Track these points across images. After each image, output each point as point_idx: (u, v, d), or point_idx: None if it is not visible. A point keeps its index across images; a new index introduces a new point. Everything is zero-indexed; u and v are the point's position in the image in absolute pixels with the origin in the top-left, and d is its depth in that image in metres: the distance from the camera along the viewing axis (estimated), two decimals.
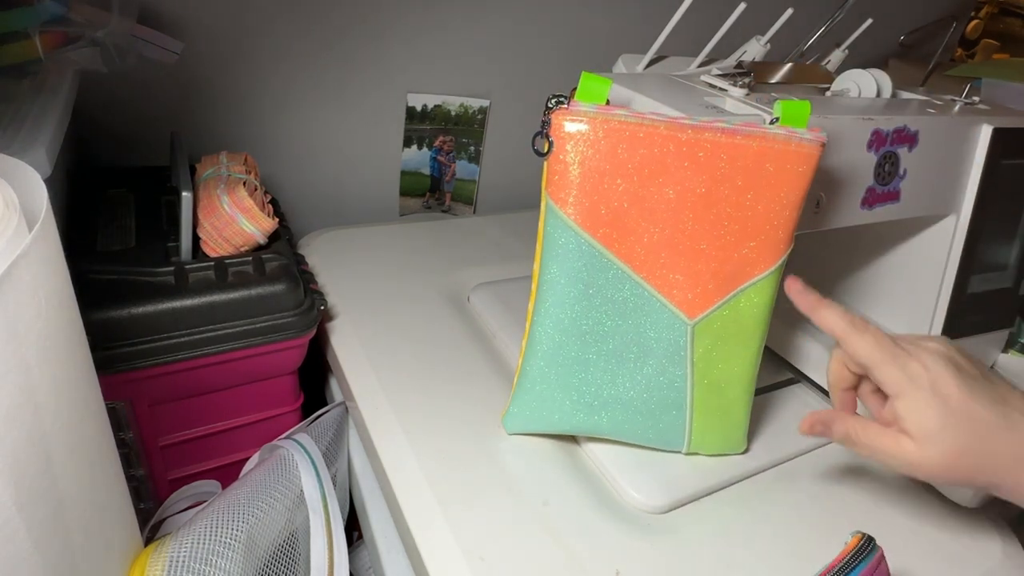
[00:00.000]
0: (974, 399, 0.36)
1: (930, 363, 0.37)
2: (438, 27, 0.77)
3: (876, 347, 0.38)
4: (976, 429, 0.35)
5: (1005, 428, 0.35)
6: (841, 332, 0.39)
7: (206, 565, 0.37)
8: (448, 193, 0.90)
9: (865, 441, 0.38)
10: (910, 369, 0.37)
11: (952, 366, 0.37)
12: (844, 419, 0.39)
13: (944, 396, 0.36)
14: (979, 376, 0.37)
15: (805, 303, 0.41)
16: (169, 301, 0.47)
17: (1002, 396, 0.37)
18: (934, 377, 0.36)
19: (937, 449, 0.36)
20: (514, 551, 0.39)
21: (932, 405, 0.36)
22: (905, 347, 0.38)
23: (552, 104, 0.40)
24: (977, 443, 0.35)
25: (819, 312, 0.40)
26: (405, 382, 0.51)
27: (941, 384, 0.36)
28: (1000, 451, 0.36)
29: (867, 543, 0.34)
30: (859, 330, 0.39)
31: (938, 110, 0.55)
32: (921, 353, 0.37)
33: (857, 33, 0.62)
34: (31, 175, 0.29)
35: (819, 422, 0.40)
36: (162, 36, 0.59)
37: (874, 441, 0.38)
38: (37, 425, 0.25)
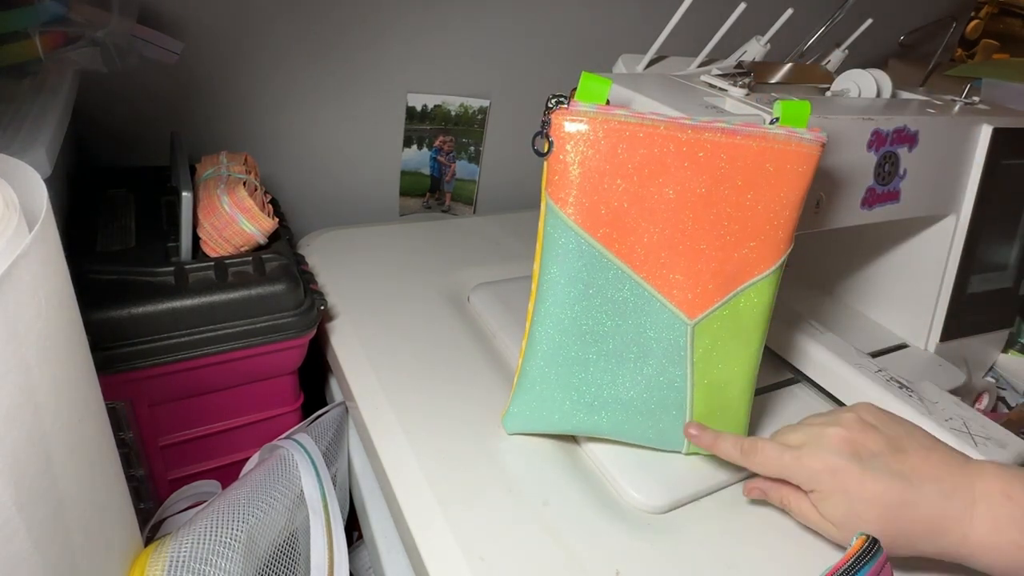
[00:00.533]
0: (875, 482, 0.37)
1: (826, 457, 0.39)
2: (438, 27, 0.77)
3: (768, 463, 0.41)
4: (882, 512, 0.37)
5: (911, 504, 0.37)
6: (736, 459, 0.43)
7: (206, 565, 0.37)
8: (448, 193, 0.90)
9: (797, 513, 0.42)
10: (805, 466, 0.39)
11: (848, 454, 0.39)
12: (780, 488, 0.42)
13: (843, 487, 0.38)
14: (886, 451, 0.39)
15: (704, 443, 0.44)
16: (169, 301, 0.47)
17: (911, 468, 0.38)
18: (832, 469, 0.38)
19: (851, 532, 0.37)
20: (514, 551, 0.39)
21: (834, 496, 0.38)
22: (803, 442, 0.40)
23: (552, 104, 0.40)
24: (885, 523, 0.37)
25: (716, 446, 0.43)
26: (405, 382, 0.51)
27: (839, 475, 0.38)
28: (911, 527, 0.37)
29: (871, 545, 0.34)
30: (749, 453, 0.42)
31: (938, 110, 0.55)
32: (818, 450, 0.39)
33: (857, 33, 0.62)
34: (31, 175, 0.29)
35: (758, 488, 0.44)
36: (162, 36, 0.59)
37: (806, 515, 0.41)
38: (37, 425, 0.25)
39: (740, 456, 0.42)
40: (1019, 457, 0.46)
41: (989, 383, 0.65)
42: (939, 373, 0.59)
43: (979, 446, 0.46)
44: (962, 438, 0.46)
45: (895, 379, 0.52)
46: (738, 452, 0.42)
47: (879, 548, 0.34)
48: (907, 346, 0.62)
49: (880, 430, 0.40)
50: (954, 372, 0.59)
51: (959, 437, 0.47)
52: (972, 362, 0.63)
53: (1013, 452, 0.46)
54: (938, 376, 0.58)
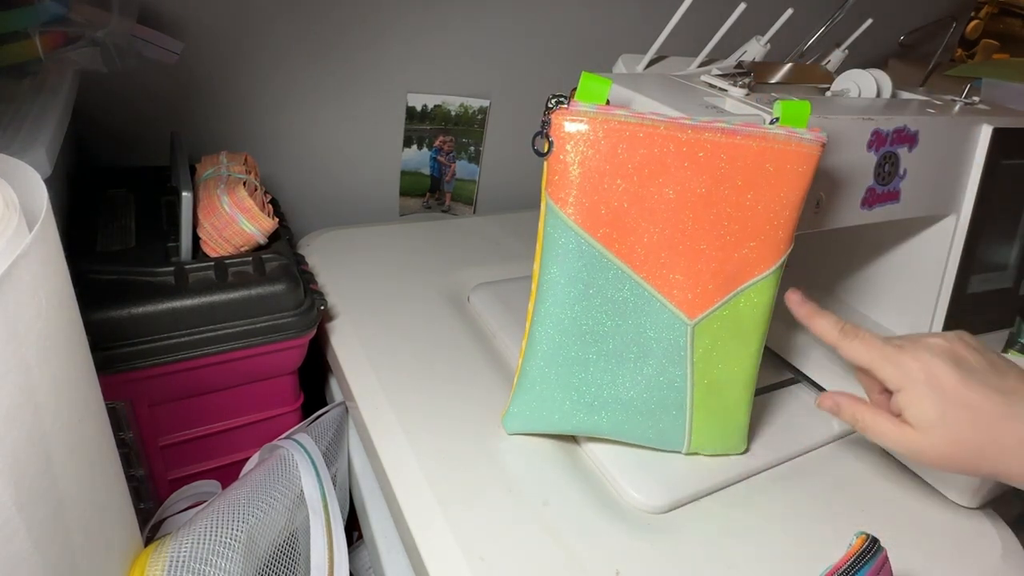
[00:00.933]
0: (972, 389, 0.37)
1: (926, 357, 0.38)
2: (438, 27, 0.77)
3: (866, 350, 0.40)
4: (976, 418, 0.37)
5: (1007, 417, 0.36)
6: (833, 340, 0.41)
7: (206, 565, 0.37)
8: (448, 193, 0.90)
9: (872, 426, 0.40)
10: (904, 365, 0.38)
11: (950, 359, 0.38)
12: (854, 403, 0.41)
13: (940, 388, 0.37)
14: (983, 367, 0.38)
15: (802, 312, 0.43)
16: (169, 301, 0.47)
17: (1010, 386, 0.38)
18: (929, 370, 0.38)
19: (937, 438, 0.37)
20: (514, 551, 0.39)
21: (928, 396, 0.37)
22: (902, 344, 0.40)
23: (552, 104, 0.40)
24: (977, 432, 0.37)
25: (814, 321, 0.42)
26: (405, 382, 0.51)
27: (937, 376, 0.37)
28: (1003, 439, 0.36)
29: (872, 544, 0.34)
30: (849, 336, 0.41)
31: (938, 110, 0.55)
32: (917, 349, 0.39)
33: (857, 33, 0.62)
34: (31, 175, 0.29)
35: (832, 401, 0.42)
36: (162, 36, 0.59)
37: (881, 427, 0.40)
38: (37, 425, 0.25)
39: (838, 335, 0.41)
40: None
41: None
42: None
43: None
44: None
45: None
46: (837, 331, 0.41)
47: (879, 547, 0.34)
48: None
49: (981, 353, 0.40)
50: None
51: None
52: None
53: None
54: None
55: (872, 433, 0.40)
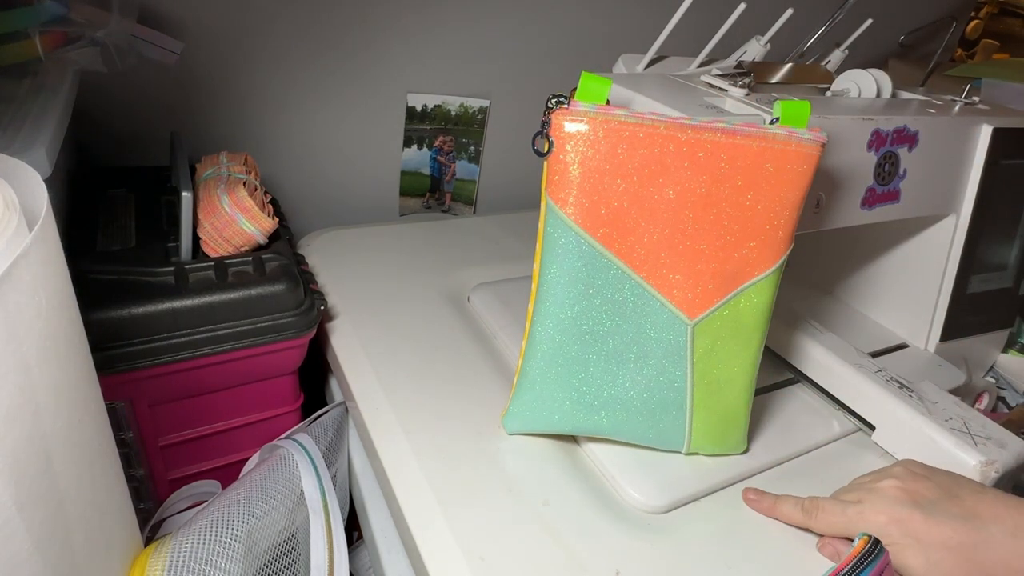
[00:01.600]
0: (942, 525, 0.37)
1: (888, 509, 0.39)
2: (438, 27, 0.77)
3: (831, 519, 0.41)
4: (955, 555, 0.37)
5: (982, 547, 0.37)
6: (799, 522, 0.42)
7: (206, 565, 0.37)
8: (448, 193, 0.90)
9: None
10: (869, 521, 0.39)
11: (908, 501, 0.39)
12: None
13: (911, 535, 0.38)
14: (942, 497, 0.39)
15: (762, 507, 0.44)
16: (169, 301, 0.47)
17: (972, 512, 0.38)
18: (896, 518, 0.38)
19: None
20: (514, 551, 0.39)
21: (907, 549, 0.38)
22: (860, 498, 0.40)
23: (552, 104, 0.40)
24: (961, 567, 0.37)
25: (776, 510, 0.43)
26: (405, 382, 0.51)
27: (904, 524, 0.38)
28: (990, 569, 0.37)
29: (874, 546, 0.34)
30: (811, 513, 0.41)
31: (938, 110, 0.55)
32: (876, 502, 0.39)
33: (857, 33, 0.62)
34: (31, 175, 0.29)
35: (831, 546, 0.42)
36: (162, 36, 0.59)
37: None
38: (37, 425, 0.25)
39: (803, 517, 0.42)
40: (1019, 457, 0.46)
41: (989, 383, 0.65)
42: (939, 373, 0.59)
43: (979, 446, 0.46)
44: (962, 438, 0.46)
45: (895, 379, 0.52)
46: (799, 513, 0.42)
47: (881, 549, 0.34)
48: (907, 346, 0.62)
49: (930, 479, 0.40)
50: (954, 372, 0.59)
51: (959, 437, 0.47)
52: (972, 362, 0.63)
53: (1013, 452, 0.46)
54: (938, 376, 0.58)
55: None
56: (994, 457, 0.45)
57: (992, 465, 0.45)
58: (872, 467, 0.50)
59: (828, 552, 0.43)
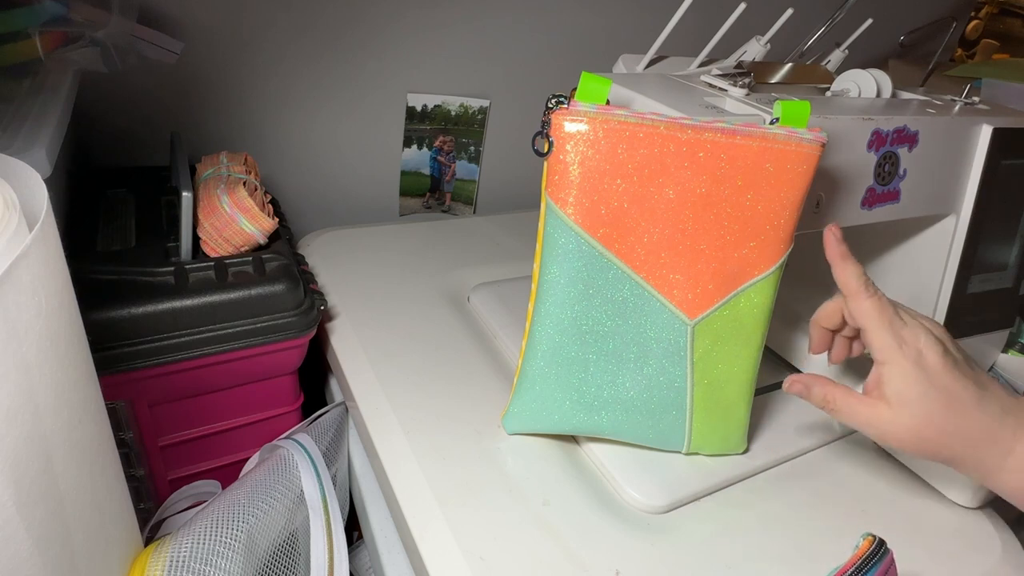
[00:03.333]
0: (954, 377, 0.38)
1: (922, 336, 0.39)
2: (438, 27, 0.77)
3: (878, 312, 0.40)
4: (950, 403, 0.38)
5: (977, 408, 0.38)
6: (852, 290, 0.41)
7: (206, 565, 0.37)
8: (448, 193, 0.90)
9: (843, 406, 0.41)
10: (902, 338, 0.39)
11: (940, 344, 0.39)
12: (824, 384, 0.42)
13: (926, 368, 0.38)
14: (964, 360, 0.40)
15: (833, 252, 0.42)
16: (169, 301, 0.47)
17: (981, 381, 0.39)
18: (922, 348, 0.39)
19: (909, 416, 0.38)
20: (514, 551, 0.39)
21: (913, 373, 0.38)
22: (903, 317, 0.40)
23: (552, 104, 0.40)
24: (948, 416, 0.38)
25: (841, 265, 0.42)
26: (405, 382, 0.51)
27: (927, 356, 0.39)
28: (969, 428, 0.38)
29: (879, 546, 0.34)
30: (868, 291, 0.41)
31: (938, 110, 0.55)
32: (916, 327, 0.40)
33: (857, 33, 0.62)
34: (31, 175, 0.29)
35: (801, 382, 0.43)
36: (162, 36, 0.59)
37: (852, 406, 0.40)
38: (37, 425, 0.25)
39: (859, 286, 0.41)
40: None
41: None
42: None
43: None
44: None
45: None
46: (859, 283, 0.41)
47: (885, 549, 0.34)
48: None
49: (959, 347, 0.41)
50: None
51: None
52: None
53: None
54: None
55: (842, 413, 0.41)
56: None
57: None
58: (871, 467, 0.50)
59: (796, 388, 0.43)
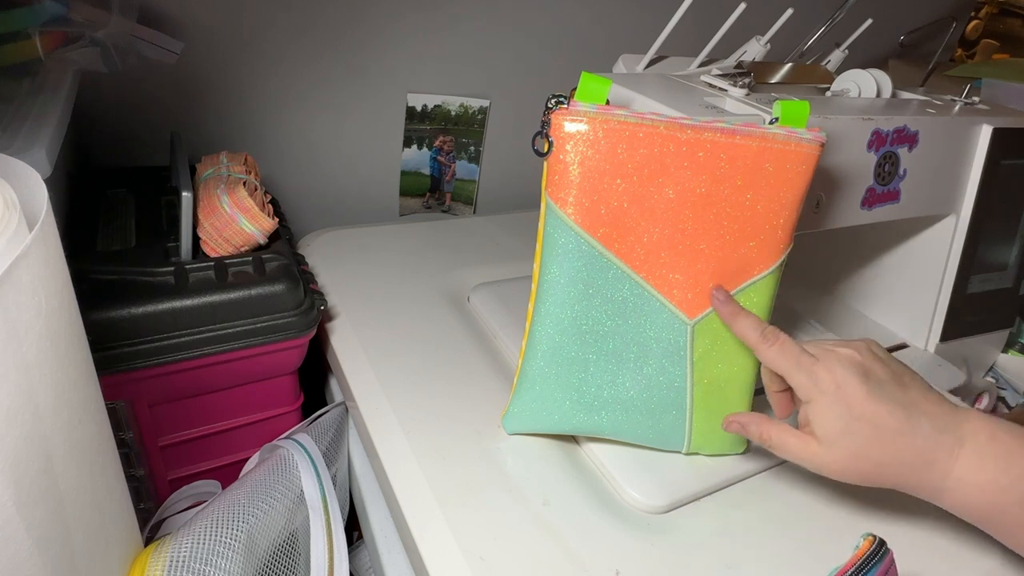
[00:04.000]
0: (879, 404, 0.38)
1: (838, 370, 0.39)
2: (438, 27, 0.77)
3: (782, 357, 0.40)
4: (878, 434, 0.37)
5: (908, 433, 0.37)
6: (753, 343, 0.41)
7: (206, 565, 0.37)
8: (448, 193, 0.90)
9: (778, 443, 0.41)
10: (816, 376, 0.39)
11: (860, 372, 0.39)
12: (760, 422, 0.42)
13: (847, 402, 0.38)
14: (888, 379, 0.39)
15: (724, 311, 0.42)
16: (169, 301, 0.47)
17: (911, 400, 0.39)
18: (839, 383, 0.38)
19: (840, 451, 0.38)
20: (514, 551, 0.39)
21: (834, 409, 0.38)
22: (816, 354, 0.40)
23: (552, 104, 0.40)
24: (879, 447, 0.37)
25: (736, 320, 0.42)
26: (405, 382, 0.51)
27: (845, 389, 0.38)
28: (901, 455, 0.38)
29: (879, 547, 0.34)
30: (768, 341, 0.41)
31: (938, 110, 0.55)
32: (830, 361, 0.39)
33: (857, 33, 0.62)
34: (31, 175, 0.29)
35: (737, 422, 0.43)
36: (162, 36, 0.59)
37: (786, 443, 0.40)
38: (37, 425, 0.25)
39: (759, 339, 0.40)
40: None
41: (989, 383, 0.65)
42: (939, 373, 0.59)
43: None
44: None
45: None
46: (758, 334, 0.40)
47: (886, 549, 0.34)
48: (907, 346, 0.62)
49: (886, 362, 0.41)
50: (954, 372, 0.59)
51: None
52: (972, 362, 0.63)
53: None
54: (938, 376, 0.58)
55: (778, 449, 0.41)
56: None
57: None
58: None
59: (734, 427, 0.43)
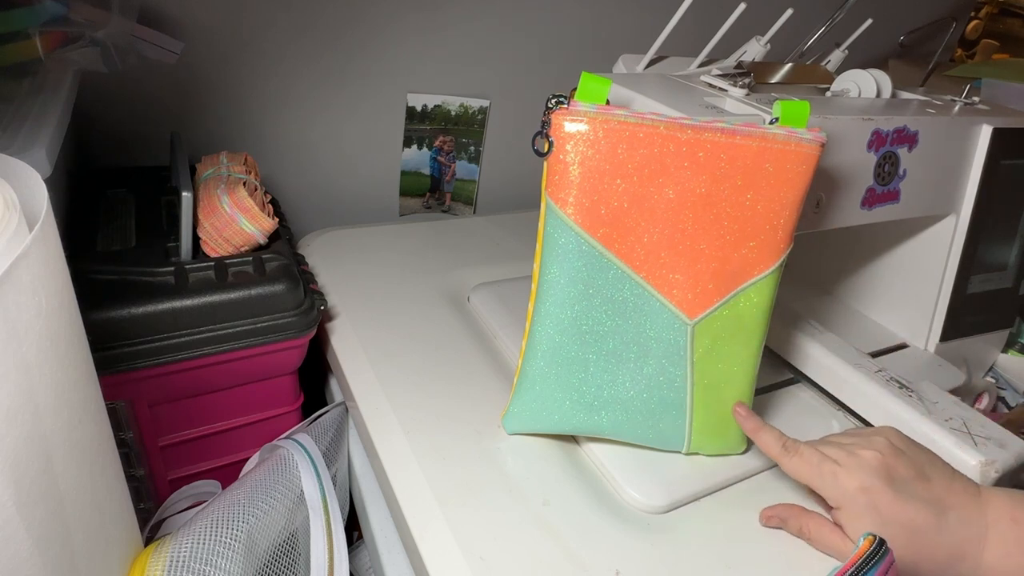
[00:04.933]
0: (906, 505, 0.38)
1: (862, 476, 0.39)
2: (438, 27, 0.77)
3: (807, 468, 0.41)
4: (911, 536, 0.38)
5: (938, 532, 0.38)
6: (776, 456, 0.43)
7: (206, 565, 0.37)
8: (448, 193, 0.90)
9: (819, 539, 0.41)
10: (842, 484, 0.40)
11: (884, 476, 0.39)
12: (800, 516, 0.42)
13: (876, 507, 0.38)
14: (914, 477, 0.40)
15: (748, 426, 0.44)
16: (169, 301, 0.47)
17: (936, 496, 0.39)
18: (866, 489, 0.39)
19: None
20: (514, 551, 0.39)
21: (866, 516, 0.39)
22: (839, 459, 0.41)
23: (552, 104, 0.40)
24: (912, 548, 0.38)
25: (759, 435, 0.44)
26: (405, 382, 0.51)
27: (873, 494, 0.39)
28: (934, 553, 0.38)
29: (879, 546, 0.33)
30: (790, 453, 0.42)
31: (938, 110, 0.55)
32: (853, 467, 0.40)
33: (857, 33, 0.62)
34: (31, 175, 0.29)
35: (777, 516, 0.43)
36: (162, 36, 0.59)
37: (827, 540, 0.41)
38: (37, 425, 0.25)
39: (781, 451, 0.42)
40: (1019, 457, 0.46)
41: (989, 383, 0.65)
42: (939, 373, 0.59)
43: (979, 446, 0.46)
44: (962, 438, 0.46)
45: (895, 379, 0.52)
46: (779, 447, 0.42)
47: (886, 549, 0.34)
48: (907, 346, 0.62)
49: (908, 455, 0.41)
50: (954, 372, 0.59)
51: (959, 437, 0.47)
52: (972, 362, 0.63)
53: (1013, 452, 0.46)
54: (938, 376, 0.58)
55: (819, 545, 0.41)
56: (994, 457, 0.45)
57: (992, 465, 0.45)
58: None
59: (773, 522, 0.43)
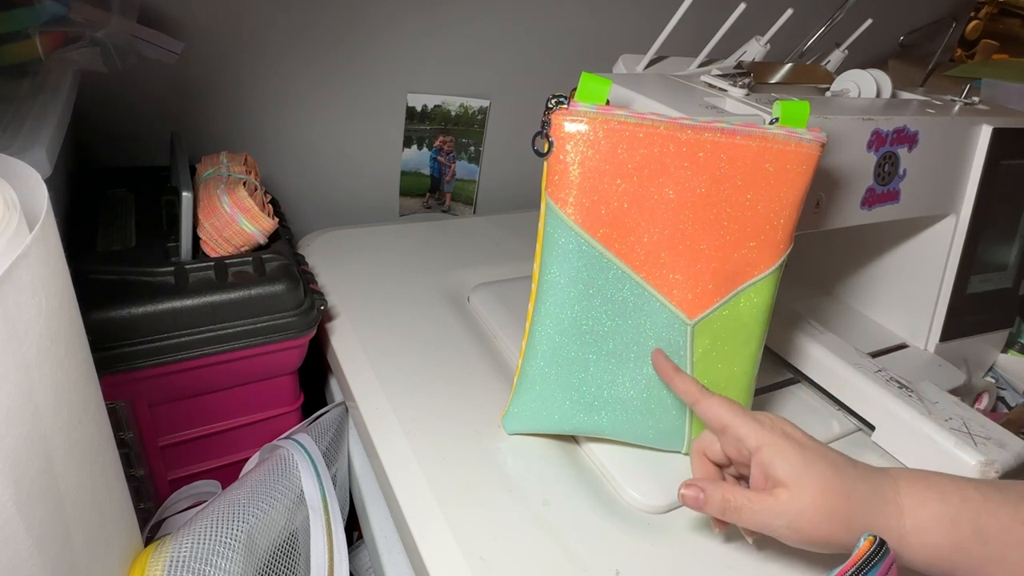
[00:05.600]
0: (819, 443, 0.38)
1: (776, 418, 0.39)
2: (438, 27, 0.77)
3: (728, 405, 0.39)
4: (832, 463, 0.37)
5: (851, 465, 0.38)
6: (696, 396, 0.41)
7: (206, 565, 0.37)
8: (448, 193, 0.90)
9: (744, 503, 0.37)
10: (759, 419, 0.39)
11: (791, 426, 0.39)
12: (718, 487, 0.37)
13: (796, 440, 0.38)
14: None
15: (663, 370, 0.43)
16: (169, 301, 0.47)
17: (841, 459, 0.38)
18: (783, 427, 0.39)
19: (809, 488, 0.36)
20: (514, 551, 0.39)
21: (789, 447, 0.37)
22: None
23: (552, 104, 0.40)
24: (838, 476, 0.36)
25: (674, 379, 0.42)
26: (405, 382, 0.51)
27: (789, 432, 0.38)
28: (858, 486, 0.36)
29: (879, 547, 0.33)
30: (707, 395, 0.40)
31: (938, 110, 0.55)
32: (761, 415, 0.39)
33: (857, 33, 0.62)
34: (31, 175, 0.29)
35: (695, 491, 0.37)
36: (162, 36, 0.59)
37: (754, 502, 0.36)
38: (37, 425, 0.25)
39: (699, 393, 0.40)
40: (1019, 457, 0.46)
41: (989, 383, 0.65)
42: (939, 373, 0.59)
43: (979, 446, 0.46)
44: (962, 438, 0.46)
45: (895, 379, 0.52)
46: (696, 388, 0.41)
47: (886, 549, 0.34)
48: (907, 346, 0.62)
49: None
50: (954, 372, 0.59)
51: (959, 437, 0.47)
52: (972, 362, 0.63)
53: (1013, 452, 0.46)
54: (938, 376, 0.58)
55: (745, 511, 0.36)
56: (994, 457, 0.45)
57: (992, 465, 0.45)
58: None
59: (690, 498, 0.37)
